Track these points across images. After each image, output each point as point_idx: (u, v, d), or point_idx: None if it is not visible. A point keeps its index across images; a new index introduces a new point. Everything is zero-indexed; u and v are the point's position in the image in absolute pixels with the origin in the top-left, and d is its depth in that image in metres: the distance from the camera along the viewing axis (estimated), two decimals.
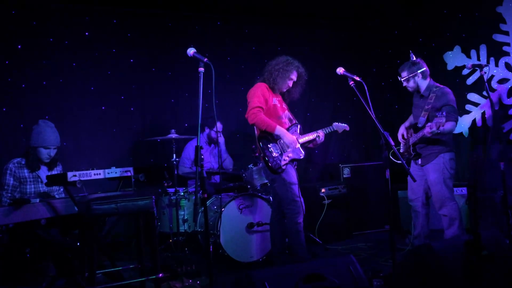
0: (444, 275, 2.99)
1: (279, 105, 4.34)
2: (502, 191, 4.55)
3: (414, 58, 4.64)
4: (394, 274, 3.40)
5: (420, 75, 4.56)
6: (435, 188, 4.49)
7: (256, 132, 4.30)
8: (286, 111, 4.43)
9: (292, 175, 4.21)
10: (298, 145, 4.27)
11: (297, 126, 4.42)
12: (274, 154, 4.17)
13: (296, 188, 4.18)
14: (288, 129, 4.30)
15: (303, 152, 4.30)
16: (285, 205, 4.18)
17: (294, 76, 4.34)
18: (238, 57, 6.49)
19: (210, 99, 3.33)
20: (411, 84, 4.61)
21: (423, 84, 4.58)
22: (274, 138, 4.23)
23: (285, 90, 4.40)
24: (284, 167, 4.16)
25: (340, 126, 4.67)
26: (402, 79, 4.63)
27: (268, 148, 4.18)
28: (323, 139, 4.45)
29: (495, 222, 5.09)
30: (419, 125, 4.50)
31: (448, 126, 4.28)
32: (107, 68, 5.83)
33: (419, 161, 4.63)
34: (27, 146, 4.29)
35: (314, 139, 4.42)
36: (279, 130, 4.17)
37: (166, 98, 6.15)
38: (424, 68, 4.56)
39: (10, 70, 5.33)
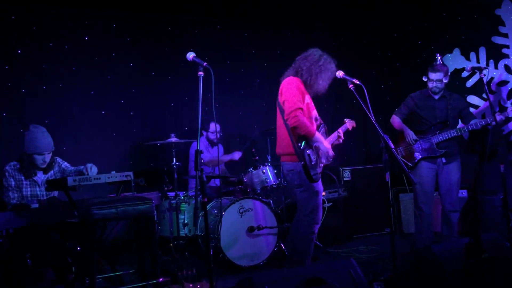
0: (445, 278, 2.99)
1: (311, 103, 4.06)
2: (502, 193, 4.57)
3: (441, 62, 4.88)
4: (394, 278, 3.40)
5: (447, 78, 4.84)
6: (456, 186, 4.76)
7: (287, 133, 3.92)
8: (315, 110, 4.15)
9: (320, 183, 4.04)
10: (332, 152, 3.99)
11: (324, 127, 4.19)
12: (313, 161, 3.91)
13: (321, 197, 4.02)
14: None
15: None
16: (307, 213, 3.98)
17: (332, 76, 4.01)
18: (238, 60, 6.50)
19: (210, 103, 3.33)
20: (440, 85, 4.77)
21: (444, 86, 4.83)
22: (309, 144, 3.93)
23: (323, 88, 4.04)
24: (319, 175, 3.99)
25: (350, 122, 4.53)
26: (435, 79, 4.75)
27: (308, 154, 3.87)
28: (342, 139, 4.25)
29: (495, 225, 5.09)
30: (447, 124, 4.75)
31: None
32: (107, 72, 5.84)
33: (443, 159, 4.78)
34: (21, 152, 4.29)
35: (336, 140, 4.24)
36: (318, 137, 3.90)
37: (165, 102, 6.15)
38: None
39: (10, 74, 5.34)
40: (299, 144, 3.85)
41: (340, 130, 4.30)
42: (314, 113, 4.11)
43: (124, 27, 5.95)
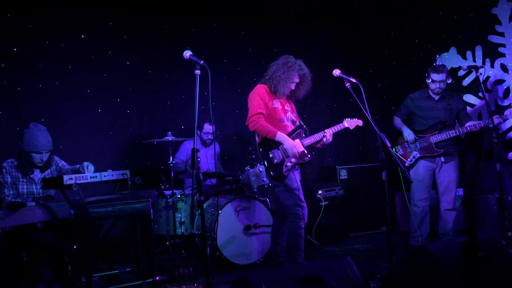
0: (441, 277, 2.99)
1: (280, 107, 4.21)
2: (498, 192, 4.58)
3: (441, 62, 4.94)
4: (391, 276, 3.41)
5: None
6: (454, 185, 4.83)
7: (257, 138, 4.20)
8: (289, 113, 4.29)
9: (294, 180, 4.12)
10: (303, 149, 4.14)
11: (302, 129, 4.28)
12: (276, 161, 4.05)
13: (299, 193, 4.09)
14: (291, 133, 4.18)
15: (308, 156, 4.19)
16: (289, 211, 4.09)
17: (296, 79, 4.19)
18: (235, 59, 6.49)
19: (207, 101, 3.33)
20: (444, 86, 4.82)
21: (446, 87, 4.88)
22: (276, 144, 4.10)
23: (287, 93, 4.24)
24: (286, 173, 4.06)
25: (352, 122, 4.48)
26: (439, 80, 4.78)
27: (269, 155, 4.07)
28: (331, 139, 4.26)
29: (491, 224, 5.11)
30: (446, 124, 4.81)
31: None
32: (103, 70, 5.82)
33: (442, 158, 4.81)
34: (19, 150, 4.28)
35: (320, 140, 4.26)
36: (280, 136, 4.06)
37: (162, 100, 6.13)
38: None
39: (6, 73, 5.31)
40: (260, 149, 4.11)
41: (328, 130, 4.29)
42: (288, 116, 4.28)
43: (121, 25, 5.92)
